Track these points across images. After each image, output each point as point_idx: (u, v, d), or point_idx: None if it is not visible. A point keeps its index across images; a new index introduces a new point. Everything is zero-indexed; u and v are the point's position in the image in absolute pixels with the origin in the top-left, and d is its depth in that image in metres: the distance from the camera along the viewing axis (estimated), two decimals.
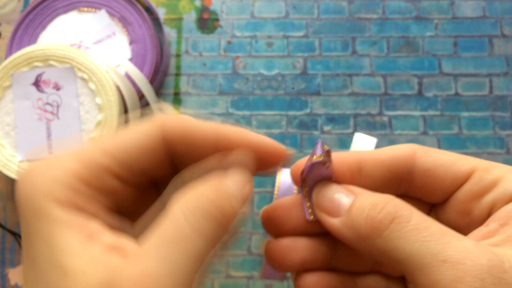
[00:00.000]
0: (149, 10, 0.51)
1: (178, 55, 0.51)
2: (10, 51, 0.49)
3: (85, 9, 0.50)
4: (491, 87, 0.50)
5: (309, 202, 0.21)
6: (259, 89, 0.50)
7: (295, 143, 0.49)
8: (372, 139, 0.43)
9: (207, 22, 0.52)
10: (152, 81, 0.49)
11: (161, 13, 0.52)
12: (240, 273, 0.46)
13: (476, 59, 0.50)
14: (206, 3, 0.53)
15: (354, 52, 0.51)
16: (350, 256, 0.22)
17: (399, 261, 0.17)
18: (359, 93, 0.50)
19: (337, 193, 0.20)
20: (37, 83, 0.44)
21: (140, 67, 0.49)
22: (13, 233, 0.47)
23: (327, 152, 0.20)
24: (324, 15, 0.52)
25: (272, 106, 0.50)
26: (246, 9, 0.52)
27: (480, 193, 0.20)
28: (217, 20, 0.52)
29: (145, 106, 0.50)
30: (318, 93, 0.50)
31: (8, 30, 0.52)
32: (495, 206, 0.19)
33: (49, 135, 0.44)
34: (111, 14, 0.50)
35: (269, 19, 0.52)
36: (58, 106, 0.44)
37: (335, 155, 0.21)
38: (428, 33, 0.51)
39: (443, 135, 0.49)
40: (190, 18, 0.52)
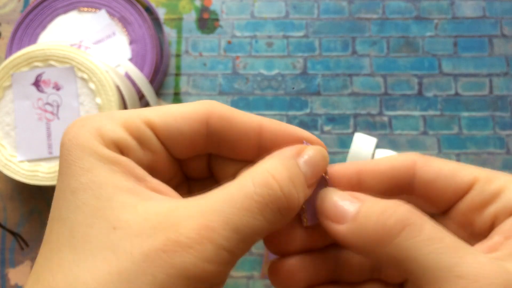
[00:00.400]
0: (149, 10, 0.51)
1: (178, 55, 0.51)
2: (10, 51, 0.49)
3: (85, 9, 0.50)
4: (491, 87, 0.50)
5: (304, 206, 0.20)
6: (259, 89, 0.50)
7: None
8: (372, 139, 0.42)
9: (207, 22, 0.52)
10: (152, 81, 0.49)
11: (161, 13, 0.52)
12: (240, 273, 0.46)
13: (476, 59, 0.50)
14: (206, 3, 0.53)
15: (354, 52, 0.51)
16: (351, 266, 0.21)
17: (411, 272, 0.17)
18: (359, 93, 0.50)
19: (341, 200, 0.19)
20: (37, 83, 0.44)
21: (140, 67, 0.49)
22: (13, 233, 0.47)
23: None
24: (324, 15, 0.52)
25: (272, 106, 0.50)
26: (246, 9, 0.52)
27: (482, 205, 0.19)
28: (217, 20, 0.52)
29: (145, 106, 0.50)
30: (318, 93, 0.50)
31: (8, 30, 0.52)
32: (498, 218, 0.19)
33: (49, 135, 0.44)
34: (111, 14, 0.50)
35: (269, 19, 0.52)
36: (58, 106, 0.44)
37: (334, 168, 0.21)
38: (428, 33, 0.51)
39: (443, 135, 0.49)
40: (190, 18, 0.52)
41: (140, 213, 0.16)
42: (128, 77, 0.48)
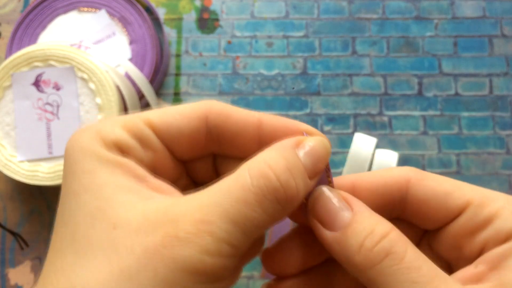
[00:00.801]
0: (149, 10, 0.51)
1: (178, 55, 0.51)
2: (10, 51, 0.49)
3: (85, 9, 0.50)
4: (491, 87, 0.50)
5: (305, 201, 0.20)
6: (259, 89, 0.50)
7: None
8: (372, 139, 0.42)
9: (207, 22, 0.52)
10: (152, 81, 0.49)
11: (161, 13, 0.52)
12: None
13: (476, 59, 0.50)
14: (206, 3, 0.53)
15: (354, 52, 0.51)
16: (345, 284, 0.21)
17: None
18: (359, 93, 0.50)
19: (334, 204, 0.19)
20: (37, 83, 0.44)
21: (140, 67, 0.49)
22: (13, 233, 0.47)
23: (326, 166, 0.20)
24: (324, 15, 0.52)
25: (272, 106, 0.50)
26: (246, 9, 0.52)
27: (473, 231, 0.19)
28: (217, 20, 0.52)
29: (145, 106, 0.50)
30: (318, 93, 0.50)
31: (8, 30, 0.52)
32: (487, 246, 0.19)
33: (49, 135, 0.44)
34: (111, 14, 0.50)
35: (269, 19, 0.52)
36: (58, 106, 0.44)
37: (334, 193, 0.20)
38: (428, 33, 0.51)
39: (443, 135, 0.49)
40: (190, 18, 0.52)
41: (139, 211, 0.16)
42: (128, 77, 0.48)
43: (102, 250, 0.16)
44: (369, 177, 0.21)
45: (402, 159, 0.48)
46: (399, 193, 0.20)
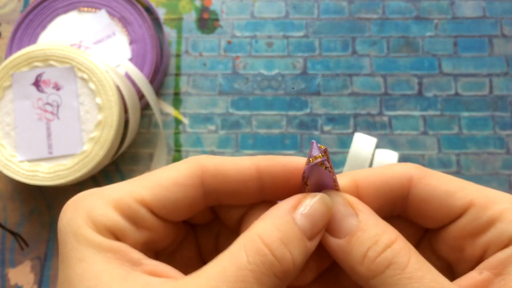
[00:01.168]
0: (149, 10, 0.51)
1: (178, 55, 0.51)
2: (10, 51, 0.49)
3: (85, 9, 0.50)
4: (491, 87, 0.50)
5: (305, 174, 0.19)
6: (259, 89, 0.50)
7: (295, 143, 0.49)
8: (372, 139, 0.42)
9: (207, 22, 0.52)
10: (152, 81, 0.49)
11: (161, 13, 0.52)
12: None
13: (476, 59, 0.50)
14: (206, 3, 0.53)
15: (354, 52, 0.51)
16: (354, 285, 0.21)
17: None
18: (359, 93, 0.50)
19: (341, 210, 0.19)
20: (37, 83, 0.44)
21: (140, 67, 0.49)
22: (13, 233, 0.47)
23: (325, 152, 0.19)
24: (324, 15, 0.52)
25: (272, 106, 0.50)
26: (246, 9, 0.52)
27: (475, 233, 0.19)
28: (217, 20, 0.52)
29: (145, 106, 0.50)
30: (318, 93, 0.50)
31: (8, 30, 0.52)
32: (489, 249, 0.18)
33: (49, 135, 0.44)
34: (111, 14, 0.50)
35: (269, 19, 0.52)
36: (58, 106, 0.44)
37: (339, 199, 0.20)
38: (428, 33, 0.51)
39: (443, 135, 0.49)
40: (190, 18, 0.52)
41: None
42: (128, 77, 0.48)
43: None
44: (372, 175, 0.20)
45: (402, 159, 0.48)
46: (402, 191, 0.20)
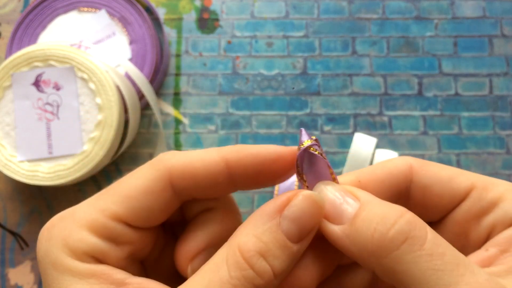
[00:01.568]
0: (149, 10, 0.51)
1: (178, 55, 0.51)
2: (10, 51, 0.49)
3: (85, 9, 0.50)
4: (491, 87, 0.50)
5: (300, 168, 0.19)
6: (259, 89, 0.50)
7: (295, 143, 0.49)
8: (372, 139, 0.43)
9: (207, 22, 0.52)
10: (152, 81, 0.49)
11: (161, 13, 0.52)
12: None
13: (476, 59, 0.50)
14: (206, 3, 0.53)
15: (354, 52, 0.51)
16: None
17: (405, 286, 0.16)
18: (359, 93, 0.50)
19: (340, 197, 0.18)
20: (37, 83, 0.44)
21: (140, 67, 0.49)
22: (13, 233, 0.47)
23: (316, 140, 0.19)
24: (324, 15, 0.52)
25: (272, 106, 0.50)
26: (246, 9, 0.52)
27: (479, 214, 0.18)
28: (217, 20, 0.52)
29: (145, 106, 0.50)
30: (318, 93, 0.50)
31: (8, 30, 0.52)
32: (495, 229, 0.18)
33: (49, 135, 0.44)
34: (111, 14, 0.50)
35: (269, 19, 0.52)
36: (58, 106, 0.44)
37: (337, 187, 0.19)
38: (428, 33, 0.51)
39: (443, 135, 0.49)
40: (190, 18, 0.52)
41: None
42: (128, 77, 0.48)
43: None
44: (373, 170, 0.20)
45: None
46: (404, 181, 0.20)
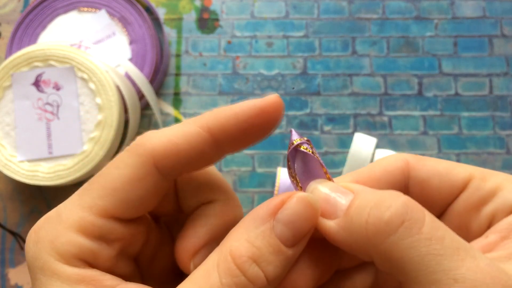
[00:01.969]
0: (149, 10, 0.51)
1: (178, 55, 0.51)
2: (10, 51, 0.49)
3: (85, 9, 0.50)
4: (491, 87, 0.50)
5: (294, 174, 0.19)
6: (259, 89, 0.50)
7: None
8: (372, 139, 0.43)
9: (207, 22, 0.52)
10: (152, 81, 0.49)
11: (161, 13, 0.52)
12: None
13: (476, 59, 0.50)
14: (206, 3, 0.53)
15: (354, 52, 0.51)
16: None
17: (404, 273, 0.15)
18: (359, 93, 0.50)
19: (333, 192, 0.17)
20: (37, 83, 0.44)
21: (140, 67, 0.49)
22: (13, 233, 0.47)
23: (308, 141, 0.19)
24: (324, 15, 0.52)
25: None
26: (246, 9, 0.52)
27: (479, 204, 0.18)
28: (217, 20, 0.52)
29: (145, 106, 0.50)
30: (318, 93, 0.50)
31: (8, 30, 0.52)
32: (495, 218, 0.18)
33: (49, 135, 0.44)
34: (111, 14, 0.50)
35: (269, 19, 0.52)
36: (58, 106, 0.44)
37: (330, 184, 0.19)
38: (428, 33, 0.51)
39: (443, 135, 0.49)
40: (190, 18, 0.52)
41: None
42: (128, 77, 0.48)
43: None
44: (370, 169, 0.20)
45: None
46: (402, 178, 0.19)
